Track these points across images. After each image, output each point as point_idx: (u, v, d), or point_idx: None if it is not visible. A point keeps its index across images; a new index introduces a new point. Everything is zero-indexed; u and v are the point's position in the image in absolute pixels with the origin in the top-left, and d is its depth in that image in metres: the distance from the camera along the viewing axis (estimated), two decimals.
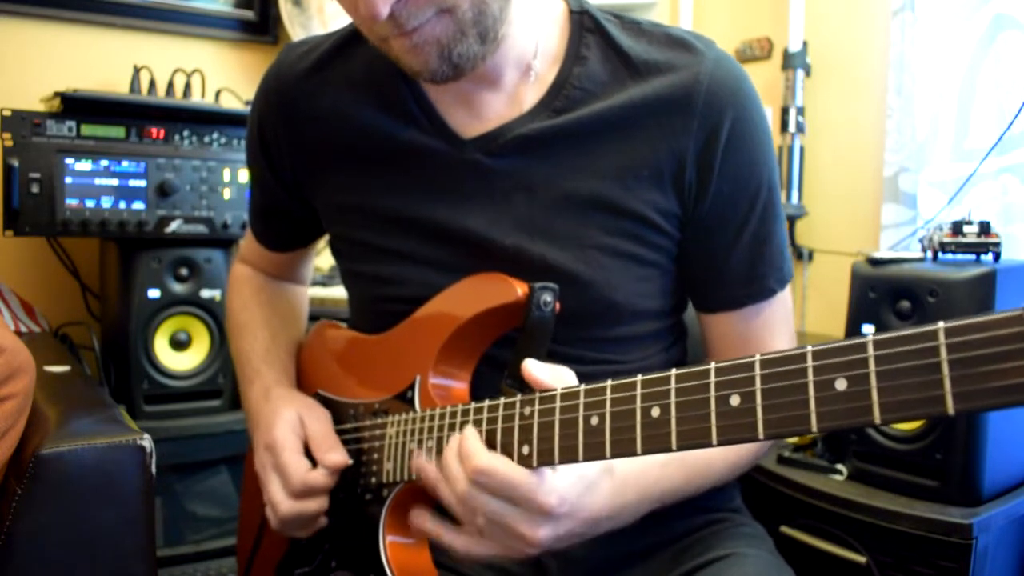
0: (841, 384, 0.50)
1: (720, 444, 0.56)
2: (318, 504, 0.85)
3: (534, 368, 0.70)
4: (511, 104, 0.84)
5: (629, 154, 0.81)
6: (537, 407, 0.68)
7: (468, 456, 0.69)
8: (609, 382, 0.64)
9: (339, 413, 0.92)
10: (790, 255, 0.90)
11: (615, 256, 0.82)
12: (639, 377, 0.62)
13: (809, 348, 0.52)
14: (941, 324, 0.46)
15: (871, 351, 0.49)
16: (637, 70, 0.82)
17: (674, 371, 0.60)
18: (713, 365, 0.57)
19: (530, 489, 0.66)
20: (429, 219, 0.85)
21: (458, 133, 0.85)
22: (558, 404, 0.67)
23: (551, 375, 0.70)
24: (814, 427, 0.51)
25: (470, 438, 0.70)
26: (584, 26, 0.84)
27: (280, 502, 0.85)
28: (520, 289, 0.78)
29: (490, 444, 0.72)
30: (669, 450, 0.59)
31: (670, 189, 0.82)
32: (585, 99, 0.82)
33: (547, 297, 0.77)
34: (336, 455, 0.85)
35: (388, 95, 0.87)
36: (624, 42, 0.83)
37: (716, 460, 0.83)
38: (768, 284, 0.86)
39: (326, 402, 0.93)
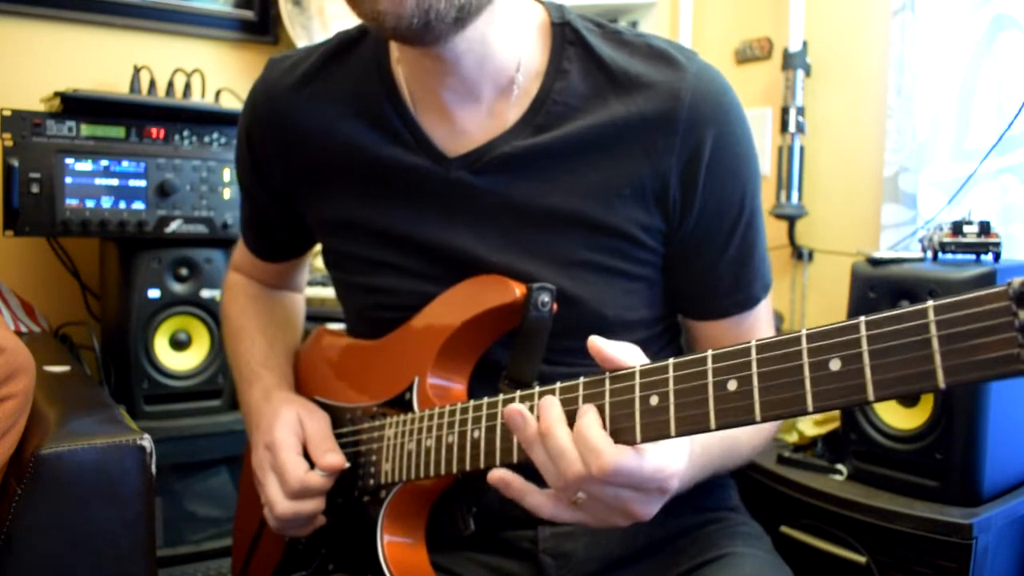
0: (835, 364, 0.52)
1: (719, 428, 0.57)
2: (314, 505, 0.85)
3: (600, 342, 0.66)
4: (493, 120, 0.84)
5: (612, 172, 0.81)
6: (536, 403, 0.68)
7: (596, 453, 0.62)
8: (607, 374, 0.65)
9: (337, 418, 0.92)
10: (769, 258, 0.90)
11: (601, 272, 0.83)
12: (637, 367, 0.63)
13: (804, 332, 0.54)
14: (931, 303, 0.48)
15: (863, 331, 0.51)
16: (619, 83, 0.81)
17: (671, 360, 0.61)
18: (710, 353, 0.59)
19: (659, 480, 0.64)
20: (417, 236, 0.86)
21: (443, 151, 0.85)
22: (557, 398, 0.67)
23: (619, 351, 0.66)
24: (810, 407, 0.53)
25: (593, 427, 0.63)
26: (565, 38, 0.84)
27: (277, 502, 0.85)
28: (518, 290, 0.78)
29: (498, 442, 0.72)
30: (668, 437, 0.60)
31: (654, 206, 0.82)
32: (567, 114, 0.82)
33: (544, 297, 0.78)
34: (333, 457, 0.85)
35: (373, 112, 0.87)
36: (605, 53, 0.82)
37: (741, 437, 0.84)
38: (754, 293, 0.87)
39: (324, 408, 0.93)
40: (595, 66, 0.82)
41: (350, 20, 0.81)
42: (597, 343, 0.66)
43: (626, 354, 0.66)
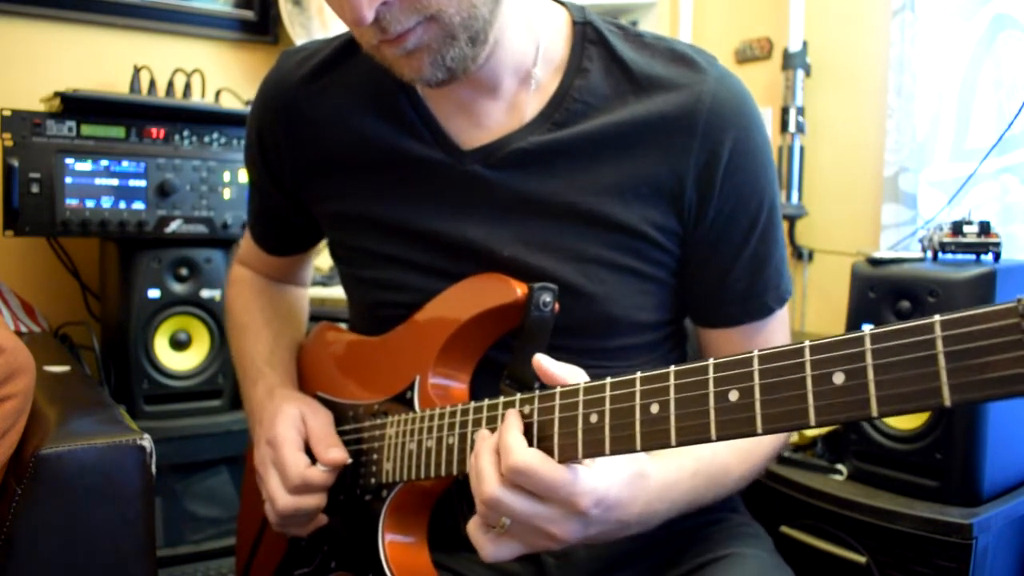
0: (839, 378, 0.51)
1: (719, 439, 0.56)
2: (316, 501, 0.85)
3: (546, 362, 0.69)
4: (511, 113, 0.84)
5: (629, 171, 0.81)
6: (536, 406, 0.68)
7: (507, 451, 0.65)
8: (608, 380, 0.64)
9: (339, 415, 0.92)
10: (788, 268, 0.89)
11: (615, 270, 0.83)
12: (638, 374, 0.62)
13: (807, 343, 0.53)
14: (937, 317, 0.47)
15: (868, 345, 0.50)
16: (639, 84, 0.81)
17: (673, 368, 0.60)
18: (712, 361, 0.58)
19: (569, 492, 0.64)
20: (429, 229, 0.85)
21: (458, 144, 0.85)
22: (557, 402, 0.67)
23: (563, 370, 0.69)
24: (812, 421, 0.52)
25: (512, 430, 0.67)
26: (587, 37, 0.84)
27: (278, 497, 0.85)
28: (520, 289, 0.78)
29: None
30: (668, 446, 0.59)
31: (669, 207, 0.82)
32: (586, 112, 0.82)
33: (546, 297, 0.78)
34: (335, 452, 0.86)
35: (388, 104, 0.87)
36: (627, 54, 0.82)
37: (732, 466, 0.82)
38: (766, 302, 0.86)
39: (326, 404, 0.94)
40: (616, 67, 0.82)
41: None
42: (542, 361, 0.69)
43: (570, 374, 0.68)
